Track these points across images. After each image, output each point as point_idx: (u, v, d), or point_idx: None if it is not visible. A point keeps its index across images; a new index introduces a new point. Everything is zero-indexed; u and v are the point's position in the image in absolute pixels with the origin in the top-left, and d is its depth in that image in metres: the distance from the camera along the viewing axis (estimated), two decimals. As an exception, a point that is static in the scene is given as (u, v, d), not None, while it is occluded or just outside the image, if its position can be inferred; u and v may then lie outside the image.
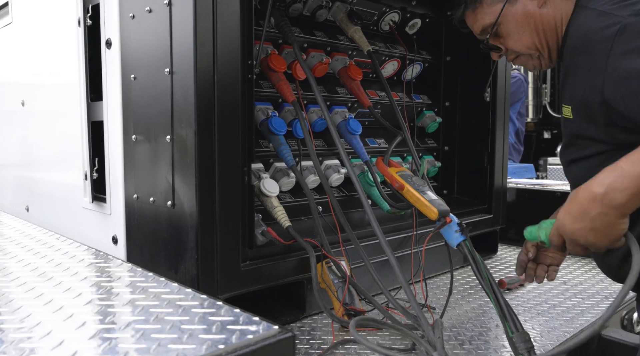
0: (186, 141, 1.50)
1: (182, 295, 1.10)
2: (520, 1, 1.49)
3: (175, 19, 1.49)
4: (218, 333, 0.85)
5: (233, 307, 1.01)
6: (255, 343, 0.81)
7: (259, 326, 0.89)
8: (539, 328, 1.77)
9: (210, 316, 0.95)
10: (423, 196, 1.70)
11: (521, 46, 1.53)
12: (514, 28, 1.51)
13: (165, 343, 0.83)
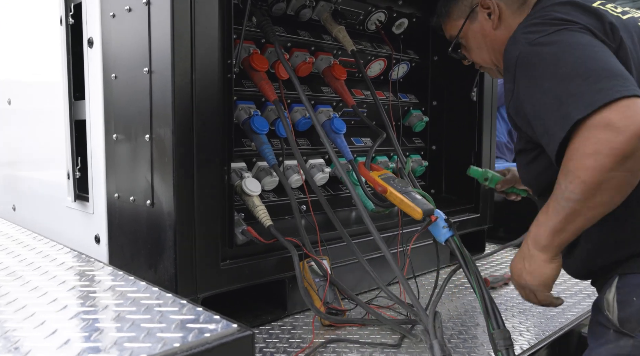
0: (164, 140, 1.50)
1: (147, 294, 1.11)
2: (478, 21, 1.63)
3: (153, 18, 1.50)
4: (176, 332, 0.86)
5: (196, 306, 1.01)
6: (212, 342, 0.81)
7: (217, 324, 0.89)
8: (520, 326, 1.77)
9: (171, 315, 0.95)
10: (406, 197, 1.71)
11: (480, 60, 1.71)
12: (474, 44, 1.68)
13: (121, 342, 0.83)
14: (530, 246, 1.33)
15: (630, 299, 1.27)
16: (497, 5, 1.58)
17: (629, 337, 1.27)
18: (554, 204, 1.23)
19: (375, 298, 1.97)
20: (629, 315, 1.27)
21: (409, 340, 1.61)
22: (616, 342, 1.29)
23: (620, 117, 1.10)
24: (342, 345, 1.59)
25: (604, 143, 1.10)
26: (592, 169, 1.12)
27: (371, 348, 1.56)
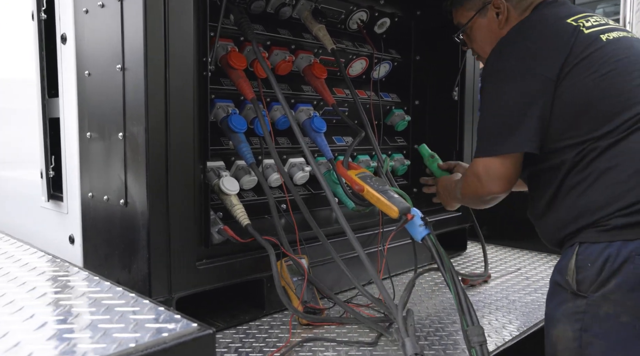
0: (137, 138, 1.48)
1: (110, 294, 1.09)
2: (487, 17, 1.79)
3: (126, 13, 1.48)
4: (133, 332, 0.84)
5: (158, 305, 1.00)
6: (169, 341, 0.79)
7: (177, 324, 0.88)
8: (496, 323, 1.78)
9: (130, 315, 0.94)
10: (383, 196, 1.71)
11: (480, 51, 1.88)
12: (479, 36, 1.84)
13: (75, 343, 0.81)
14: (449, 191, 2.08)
15: (586, 265, 1.45)
16: (507, 8, 1.75)
17: (583, 297, 1.46)
18: (454, 188, 1.97)
19: (355, 297, 1.96)
20: (583, 278, 1.45)
21: (386, 338, 1.61)
22: (573, 302, 1.48)
23: (485, 174, 1.61)
24: (318, 343, 1.58)
25: (473, 186, 1.68)
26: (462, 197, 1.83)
27: (347, 347, 1.56)
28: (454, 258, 2.59)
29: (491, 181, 1.59)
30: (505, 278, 2.29)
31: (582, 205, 1.49)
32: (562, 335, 1.50)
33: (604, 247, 1.43)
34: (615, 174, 1.44)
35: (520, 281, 2.22)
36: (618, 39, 1.58)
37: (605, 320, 1.42)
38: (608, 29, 1.60)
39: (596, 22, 1.61)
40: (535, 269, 2.41)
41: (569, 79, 1.51)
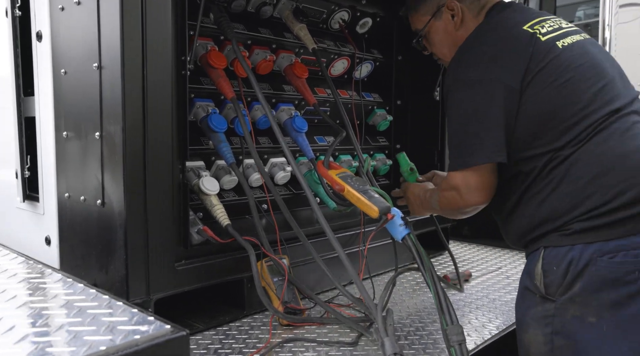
0: (115, 138, 1.46)
1: (83, 296, 1.07)
2: (442, 20, 1.80)
3: (102, 11, 1.46)
4: (105, 335, 0.83)
5: (132, 307, 0.98)
6: (141, 344, 0.78)
7: (150, 326, 0.86)
8: (476, 322, 1.78)
9: (103, 317, 0.92)
10: (364, 196, 1.71)
11: (440, 54, 1.91)
12: (437, 39, 1.86)
13: (44, 347, 0.80)
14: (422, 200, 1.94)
15: (552, 268, 1.48)
16: (461, 9, 1.76)
17: (551, 301, 1.48)
18: (428, 198, 1.86)
19: (336, 297, 1.95)
20: (550, 282, 1.48)
21: (366, 338, 1.60)
22: (542, 305, 1.50)
23: (463, 186, 1.59)
24: (298, 344, 1.57)
25: (451, 199, 1.65)
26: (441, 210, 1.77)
27: (327, 347, 1.55)
28: (435, 257, 2.60)
29: (471, 193, 1.59)
30: (486, 277, 2.31)
31: (544, 212, 1.52)
32: (533, 339, 1.52)
33: (567, 250, 1.45)
34: (574, 182, 1.47)
35: (501, 280, 2.24)
36: (572, 45, 1.59)
37: (573, 323, 1.45)
38: (563, 35, 1.62)
39: (551, 28, 1.63)
40: (516, 269, 2.43)
41: (531, 88, 1.52)
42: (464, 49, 1.66)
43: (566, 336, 1.46)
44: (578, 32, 1.67)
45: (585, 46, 1.62)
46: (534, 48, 1.54)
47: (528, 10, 1.73)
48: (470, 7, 1.76)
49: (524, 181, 1.56)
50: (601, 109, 1.50)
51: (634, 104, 1.57)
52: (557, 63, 1.54)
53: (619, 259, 1.40)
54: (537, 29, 1.59)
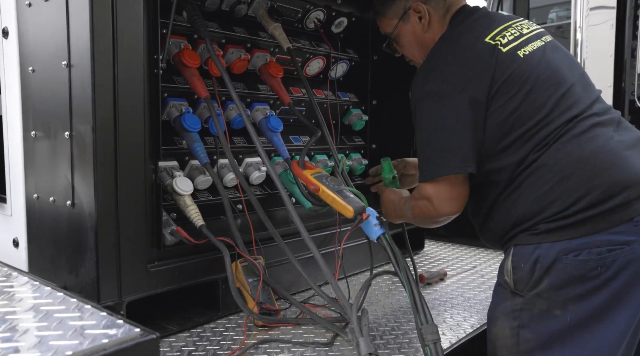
0: (85, 137, 1.43)
1: (50, 299, 1.04)
2: (410, 23, 1.82)
3: (71, 7, 1.43)
4: (72, 339, 0.81)
5: (100, 310, 0.96)
6: (109, 348, 0.76)
7: (119, 329, 0.84)
8: (451, 320, 1.79)
9: (70, 321, 0.90)
10: (338, 196, 1.70)
11: (410, 55, 1.94)
12: (407, 42, 1.89)
13: (7, 353, 0.77)
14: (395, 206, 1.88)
15: (520, 265, 1.53)
16: (427, 11, 1.78)
17: (520, 296, 1.54)
18: (402, 206, 1.82)
19: (311, 297, 1.95)
20: (519, 278, 1.53)
21: (342, 338, 1.60)
22: (512, 300, 1.56)
23: (435, 197, 1.61)
24: (273, 345, 1.56)
25: (424, 209, 1.67)
26: (414, 219, 1.78)
27: (303, 348, 1.54)
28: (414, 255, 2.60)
29: (443, 203, 1.61)
30: (461, 275, 2.32)
31: (514, 216, 1.58)
32: (500, 333, 1.57)
33: (534, 248, 1.51)
34: (539, 187, 1.53)
35: (476, 279, 2.25)
36: (532, 54, 1.63)
37: (539, 316, 1.50)
38: (523, 42, 1.65)
39: (512, 37, 1.65)
40: (490, 267, 2.45)
41: (496, 100, 1.56)
42: (430, 59, 1.69)
43: (532, 330, 1.51)
44: (539, 37, 1.71)
45: (545, 53, 1.66)
46: (496, 61, 1.58)
47: (490, 17, 1.74)
48: (436, 9, 1.78)
49: (495, 188, 1.62)
50: (561, 116, 1.55)
51: (594, 106, 1.62)
52: (519, 74, 1.58)
53: (583, 257, 1.45)
54: (498, 40, 1.62)
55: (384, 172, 2.17)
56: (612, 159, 1.51)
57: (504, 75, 1.57)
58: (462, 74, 1.58)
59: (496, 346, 1.59)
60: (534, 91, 1.58)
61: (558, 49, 1.73)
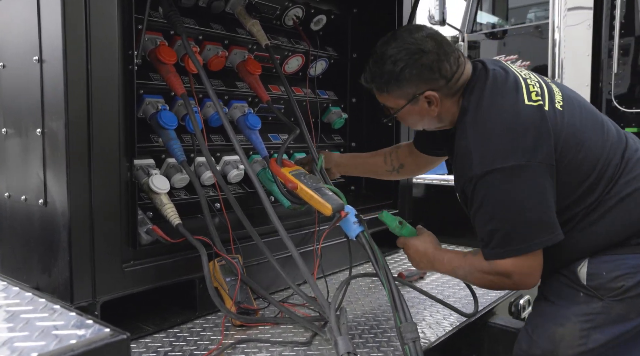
0: (57, 134, 1.40)
1: (18, 300, 1.02)
2: (419, 105, 1.66)
3: (43, 1, 1.40)
4: (38, 340, 0.78)
5: (70, 310, 0.93)
6: (77, 349, 0.74)
7: (88, 330, 0.82)
8: (430, 319, 1.79)
9: (38, 322, 0.87)
10: (317, 194, 1.70)
11: (411, 125, 1.86)
12: (410, 118, 1.75)
13: (-33, 355, 0.75)
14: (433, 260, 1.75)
15: (601, 273, 1.55)
16: (438, 97, 1.64)
17: (598, 300, 1.55)
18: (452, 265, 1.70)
19: (290, 297, 1.93)
20: (599, 284, 1.55)
21: (320, 337, 1.59)
22: (588, 304, 1.57)
23: (518, 272, 1.54)
24: (251, 345, 1.55)
25: (498, 283, 1.60)
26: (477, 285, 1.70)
27: (281, 347, 1.53)
28: (391, 255, 2.61)
29: (526, 277, 1.56)
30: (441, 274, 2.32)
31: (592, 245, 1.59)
32: (568, 333, 1.58)
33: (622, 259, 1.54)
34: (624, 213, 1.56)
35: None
36: (565, 102, 1.63)
37: (615, 319, 1.54)
38: (551, 93, 1.64)
39: (538, 89, 1.63)
40: (470, 265, 2.46)
41: (562, 159, 1.54)
42: (475, 136, 1.57)
43: (605, 332, 1.55)
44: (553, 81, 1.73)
45: (569, 94, 1.69)
46: (549, 122, 1.55)
47: (501, 73, 1.66)
48: (447, 93, 1.65)
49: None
50: (615, 152, 1.60)
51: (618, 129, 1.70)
52: (571, 128, 1.57)
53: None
54: (536, 100, 1.59)
55: (388, 226, 1.97)
56: None
57: (562, 133, 1.55)
58: (526, 143, 1.51)
59: (560, 346, 1.59)
60: (588, 138, 1.58)
61: (564, 85, 1.77)
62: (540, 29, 5.91)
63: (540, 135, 1.52)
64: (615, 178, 1.57)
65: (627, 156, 1.62)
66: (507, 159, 1.50)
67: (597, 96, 5.26)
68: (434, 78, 1.60)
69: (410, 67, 1.59)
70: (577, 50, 5.24)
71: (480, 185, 1.53)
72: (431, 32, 1.63)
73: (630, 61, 5.11)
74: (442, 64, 1.59)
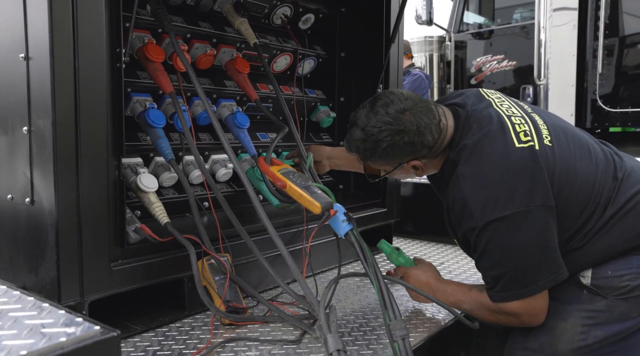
0: (44, 132, 1.39)
1: (6, 299, 1.01)
2: (405, 168, 1.74)
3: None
4: (27, 338, 0.77)
5: (58, 308, 0.93)
6: (66, 346, 0.74)
7: (78, 327, 0.82)
8: (419, 316, 1.80)
9: (27, 320, 0.86)
10: (306, 192, 1.70)
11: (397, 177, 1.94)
12: (397, 176, 1.90)
13: (-45, 355, 0.74)
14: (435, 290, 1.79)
15: (606, 272, 1.61)
16: (425, 164, 1.72)
17: (602, 298, 1.61)
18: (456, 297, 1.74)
19: (279, 295, 1.93)
20: (603, 284, 1.61)
21: (310, 336, 1.59)
22: (591, 302, 1.62)
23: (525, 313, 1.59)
24: (241, 343, 1.55)
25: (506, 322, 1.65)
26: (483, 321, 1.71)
27: (270, 345, 1.53)
28: (380, 253, 2.61)
29: (533, 317, 1.61)
30: (429, 271, 2.33)
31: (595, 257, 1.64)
32: (570, 328, 1.63)
33: (625, 260, 1.60)
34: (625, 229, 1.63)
35: (444, 275, 2.25)
36: (552, 135, 1.66)
37: (617, 317, 1.60)
38: (537, 128, 1.66)
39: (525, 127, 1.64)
40: (458, 263, 2.48)
41: (558, 197, 1.57)
42: (473, 189, 1.58)
43: (606, 329, 1.60)
44: (534, 110, 1.76)
45: (555, 124, 1.73)
46: (542, 161, 1.57)
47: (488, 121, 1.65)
48: (431, 156, 1.70)
49: None
50: (607, 176, 1.65)
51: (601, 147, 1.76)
52: (563, 163, 1.61)
53: None
54: (526, 141, 1.60)
55: (385, 254, 2.05)
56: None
57: (556, 171, 1.58)
58: (523, 188, 1.54)
59: (560, 340, 1.64)
60: (581, 169, 1.62)
61: (545, 112, 1.80)
62: (526, 30, 5.97)
63: (535, 178, 1.55)
64: (611, 200, 1.62)
65: (619, 176, 1.66)
66: (507, 208, 1.52)
67: (582, 96, 5.33)
68: (417, 150, 1.65)
69: (393, 146, 1.63)
70: (562, 50, 5.30)
71: (482, 234, 1.55)
72: (407, 105, 1.63)
73: (614, 61, 5.17)
74: (423, 138, 1.63)
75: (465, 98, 1.76)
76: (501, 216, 1.52)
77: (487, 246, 1.56)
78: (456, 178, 1.63)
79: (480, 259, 1.61)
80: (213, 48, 2.04)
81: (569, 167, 1.61)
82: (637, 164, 1.75)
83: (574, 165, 1.63)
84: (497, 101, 1.74)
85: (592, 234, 1.61)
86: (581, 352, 1.63)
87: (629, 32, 5.12)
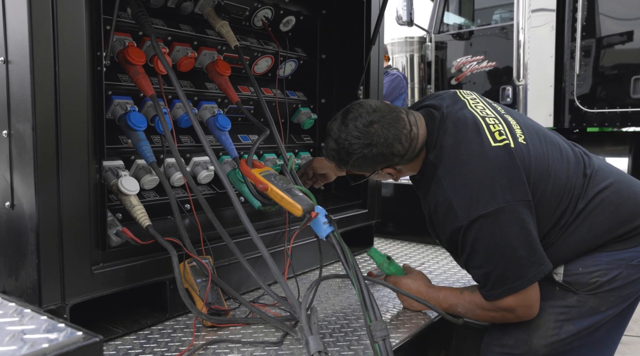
0: (24, 136, 1.39)
1: (-14, 304, 1.01)
2: (381, 173, 1.80)
3: (8, 0, 1.37)
4: (9, 344, 0.78)
5: (40, 314, 0.93)
6: (49, 353, 0.74)
7: (60, 333, 0.82)
8: (400, 316, 1.83)
9: (8, 326, 0.86)
10: (287, 195, 1.71)
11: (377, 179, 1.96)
12: (376, 178, 1.93)
13: (-63, 361, 0.74)
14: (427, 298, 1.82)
15: (577, 269, 1.67)
16: (399, 171, 1.79)
17: (573, 294, 1.67)
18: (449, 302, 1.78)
19: (261, 297, 1.94)
20: (574, 280, 1.67)
21: (292, 337, 1.61)
22: (563, 298, 1.68)
23: (520, 306, 1.63)
24: (223, 345, 1.55)
25: (502, 319, 1.69)
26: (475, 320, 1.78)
27: (252, 347, 1.54)
28: (361, 254, 2.64)
29: (528, 309, 1.65)
30: (409, 271, 2.36)
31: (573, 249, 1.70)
32: (543, 324, 1.69)
33: (594, 256, 1.66)
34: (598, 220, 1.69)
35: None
36: (525, 133, 1.72)
37: (587, 312, 1.66)
38: (510, 127, 1.71)
39: (499, 126, 1.69)
40: (438, 264, 2.51)
41: (535, 191, 1.63)
42: (454, 190, 1.63)
43: (577, 324, 1.66)
44: (507, 111, 1.81)
45: (527, 123, 1.79)
46: (517, 158, 1.63)
47: (463, 123, 1.70)
48: (405, 162, 1.75)
49: None
50: (578, 173, 1.71)
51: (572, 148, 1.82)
52: (538, 160, 1.66)
53: (636, 263, 1.66)
54: (502, 140, 1.65)
55: (376, 262, 2.07)
56: None
57: (531, 168, 1.63)
58: (502, 185, 1.59)
59: (533, 336, 1.69)
60: (554, 166, 1.67)
61: (516, 112, 1.85)
62: (506, 30, 6.04)
63: (513, 174, 1.61)
64: (581, 195, 1.69)
65: (588, 173, 1.73)
66: (489, 204, 1.57)
67: (560, 97, 5.42)
68: (388, 159, 1.70)
69: (364, 158, 1.69)
70: (541, 51, 5.38)
71: (468, 233, 1.60)
72: (374, 117, 1.67)
73: (591, 62, 5.27)
74: (393, 149, 1.68)
75: (440, 100, 1.81)
76: (484, 213, 1.57)
77: (474, 244, 1.60)
78: (437, 181, 1.67)
79: (468, 259, 1.65)
80: (194, 51, 2.04)
81: (542, 165, 1.67)
82: (604, 163, 1.81)
83: (547, 162, 1.68)
84: (472, 102, 1.79)
85: (565, 228, 1.66)
86: (554, 347, 1.68)
87: (606, 34, 5.22)
